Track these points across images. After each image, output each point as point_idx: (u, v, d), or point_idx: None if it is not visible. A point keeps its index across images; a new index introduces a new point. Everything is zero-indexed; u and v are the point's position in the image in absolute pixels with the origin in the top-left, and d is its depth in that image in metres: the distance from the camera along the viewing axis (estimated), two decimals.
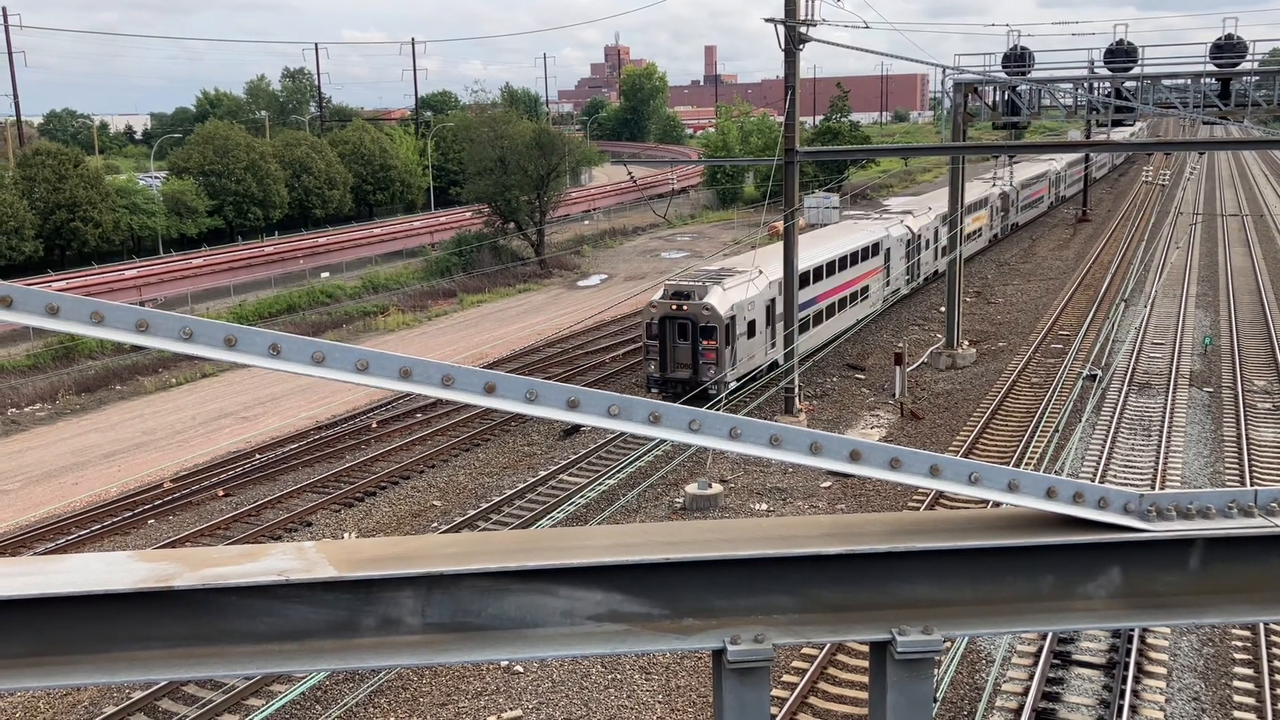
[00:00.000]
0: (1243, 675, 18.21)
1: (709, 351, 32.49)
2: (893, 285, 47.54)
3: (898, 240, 47.65)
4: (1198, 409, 32.84)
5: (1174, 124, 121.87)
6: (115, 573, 2.12)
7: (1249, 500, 2.40)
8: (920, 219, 51.31)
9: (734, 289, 33.83)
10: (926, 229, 51.34)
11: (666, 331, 33.12)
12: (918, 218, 51.25)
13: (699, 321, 32.52)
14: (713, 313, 32.55)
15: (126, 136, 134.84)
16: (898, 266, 48.03)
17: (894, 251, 47.44)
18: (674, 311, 32.92)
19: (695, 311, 32.59)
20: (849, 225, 48.14)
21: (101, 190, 62.79)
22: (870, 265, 44.44)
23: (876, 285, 45.28)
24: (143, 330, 2.10)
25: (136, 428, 36.00)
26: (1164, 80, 37.07)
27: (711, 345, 32.40)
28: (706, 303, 32.57)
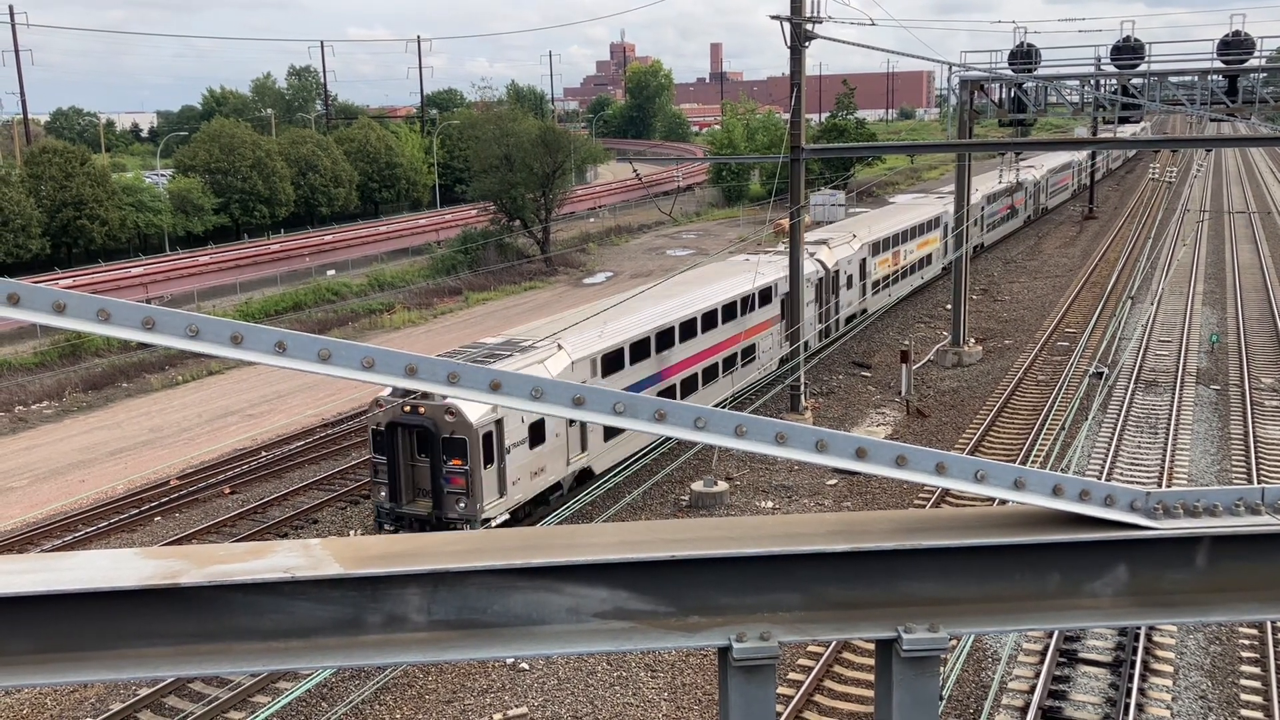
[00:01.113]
0: (1249, 674, 18.17)
1: (456, 476, 22.39)
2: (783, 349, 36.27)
3: (807, 281, 36.92)
4: (1204, 406, 32.76)
5: (1181, 121, 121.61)
6: (122, 570, 2.13)
7: (1256, 498, 2.39)
8: (838, 250, 41.08)
9: None
10: (847, 262, 40.97)
11: (398, 444, 22.86)
12: (834, 249, 40.89)
13: (441, 431, 22.22)
14: (459, 419, 22.05)
15: (133, 134, 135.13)
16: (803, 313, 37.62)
17: None
18: (407, 415, 22.61)
19: (436, 416, 22.20)
20: (726, 267, 36.70)
21: (108, 188, 62.92)
22: (756, 318, 34.10)
23: (768, 342, 35.05)
24: (149, 328, 2.11)
25: (143, 425, 36.07)
26: (1171, 77, 36.97)
27: (459, 467, 22.29)
28: (452, 404, 21.82)
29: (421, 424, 22.49)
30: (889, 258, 46.30)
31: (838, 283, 40.35)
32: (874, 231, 45.14)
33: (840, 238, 42.74)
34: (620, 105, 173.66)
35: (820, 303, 38.67)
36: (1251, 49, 35.60)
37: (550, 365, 24.50)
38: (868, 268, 43.65)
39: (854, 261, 41.92)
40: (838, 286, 40.39)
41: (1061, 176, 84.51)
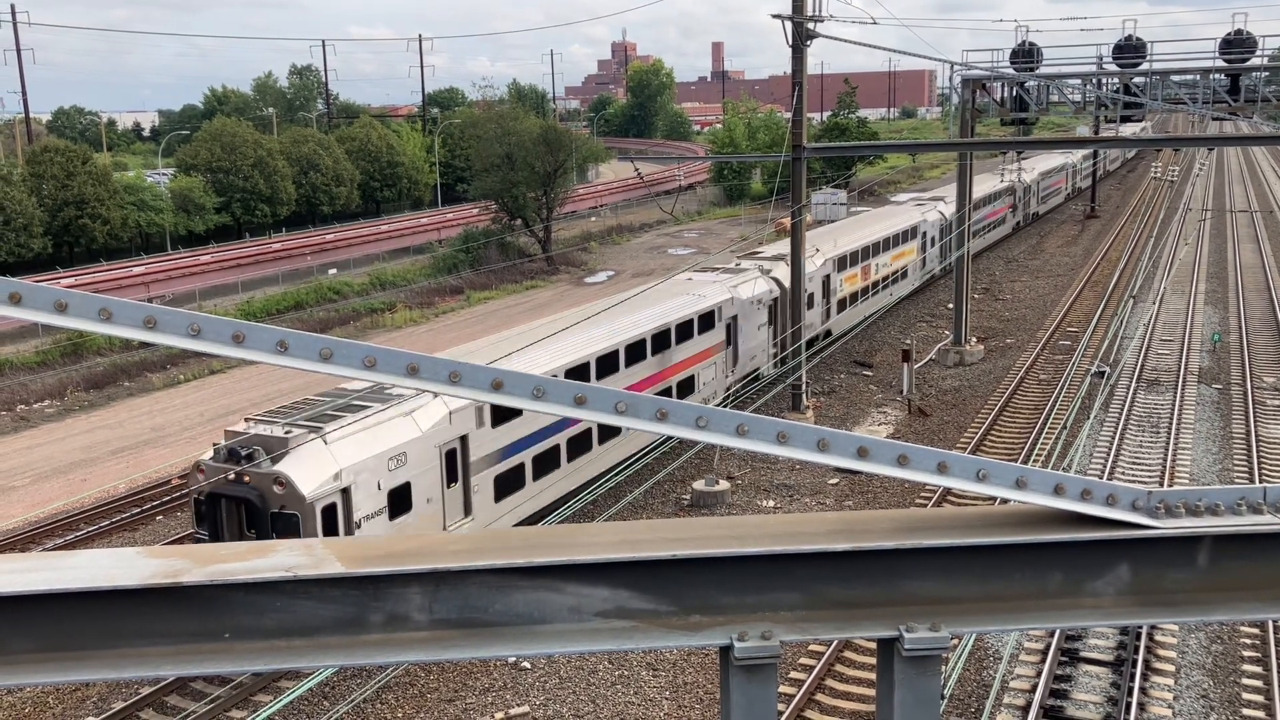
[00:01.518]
0: (1251, 673, 18.17)
1: None
2: (741, 369, 33.23)
3: (752, 303, 33.19)
4: (1206, 406, 32.75)
5: (1183, 120, 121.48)
6: (123, 569, 2.13)
7: (1258, 497, 2.39)
8: None
9: (348, 440, 19.55)
10: (807, 280, 35.83)
11: (222, 518, 19.19)
12: None
13: (270, 505, 18.53)
14: (290, 491, 18.36)
15: (134, 134, 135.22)
16: (752, 339, 33.86)
17: (743, 321, 33.13)
18: (230, 485, 18.89)
19: (263, 486, 18.55)
20: (670, 288, 31.39)
21: (109, 187, 62.95)
22: (694, 347, 30.13)
23: (710, 373, 31.28)
24: (151, 327, 2.11)
25: (145, 424, 36.09)
26: (1173, 76, 36.95)
27: None
28: (281, 473, 18.45)
29: (246, 496, 18.59)
30: (857, 273, 42.05)
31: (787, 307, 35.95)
32: (840, 244, 40.98)
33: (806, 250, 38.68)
34: (622, 104, 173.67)
35: (776, 325, 34.86)
36: (1254, 48, 35.57)
37: (421, 417, 20.55)
38: (832, 285, 39.68)
39: (815, 279, 37.80)
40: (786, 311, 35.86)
41: (1054, 179, 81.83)
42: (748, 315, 33.18)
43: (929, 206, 53.37)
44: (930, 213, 51.97)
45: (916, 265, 49.85)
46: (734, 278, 34.05)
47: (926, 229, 50.71)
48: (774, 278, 35.47)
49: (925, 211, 52.06)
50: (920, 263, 50.07)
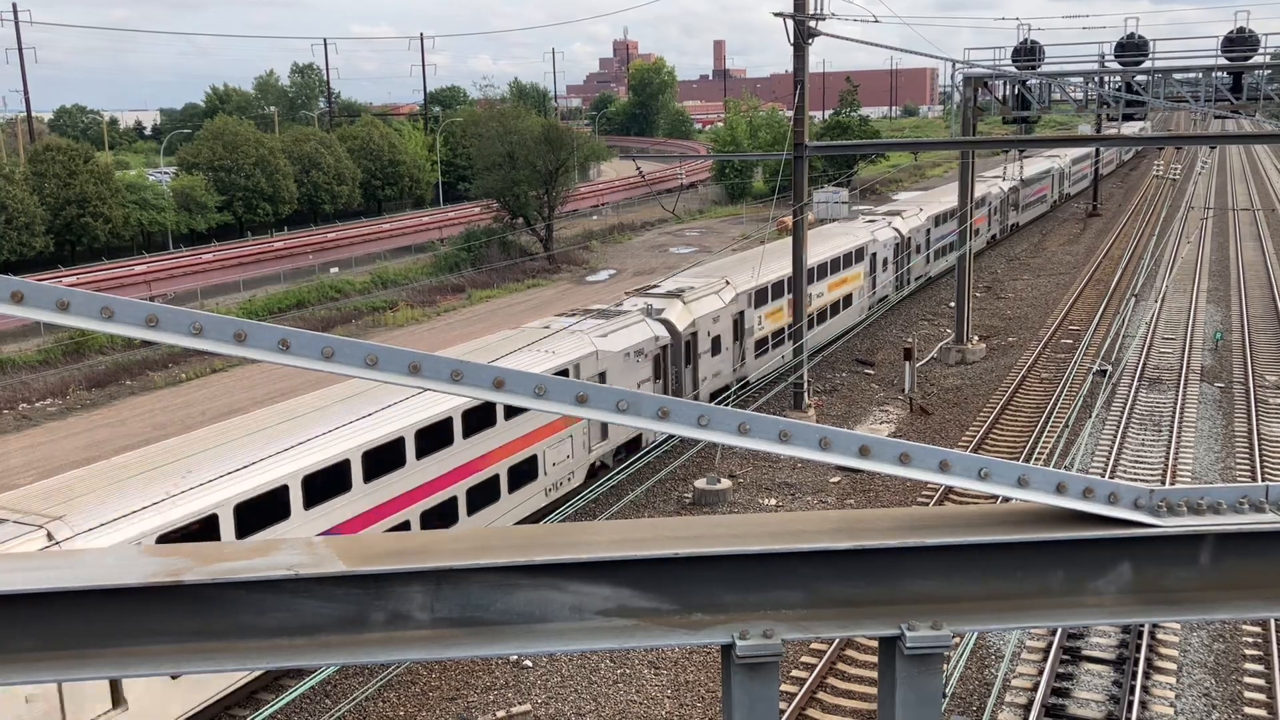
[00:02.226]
0: (1253, 671, 18.16)
1: None
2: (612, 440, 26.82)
3: (626, 355, 27.26)
4: (1209, 404, 32.73)
5: (1185, 118, 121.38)
6: (126, 567, 2.13)
7: (1260, 496, 2.39)
8: (699, 304, 31.32)
9: None
10: (711, 320, 31.39)
11: None
12: (692, 304, 31.03)
13: None
14: None
15: (136, 132, 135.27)
16: None
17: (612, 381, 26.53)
18: None
19: None
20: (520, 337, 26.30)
21: (111, 186, 62.99)
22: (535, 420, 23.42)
23: (559, 451, 24.66)
24: (153, 326, 2.11)
25: (147, 422, 36.12)
26: (1175, 74, 36.90)
27: None
28: None
29: None
30: (782, 307, 35.76)
31: (694, 350, 30.64)
32: (761, 274, 34.64)
33: (706, 287, 32.59)
34: (623, 102, 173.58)
35: (663, 379, 28.89)
36: (1256, 46, 35.53)
37: None
38: (747, 323, 33.88)
39: (723, 318, 32.23)
40: (694, 354, 30.68)
41: (1037, 187, 76.31)
42: (620, 371, 26.82)
43: (881, 223, 46.66)
44: (882, 230, 45.59)
45: (864, 291, 43.05)
46: (604, 324, 27.73)
47: (877, 249, 44.20)
48: (664, 320, 29.30)
49: (876, 229, 45.19)
50: (870, 284, 43.70)
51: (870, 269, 43.52)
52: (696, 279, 33.76)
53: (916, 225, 48.45)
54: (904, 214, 48.83)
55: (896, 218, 48.00)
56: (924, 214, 49.94)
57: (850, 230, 44.62)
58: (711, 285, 32.82)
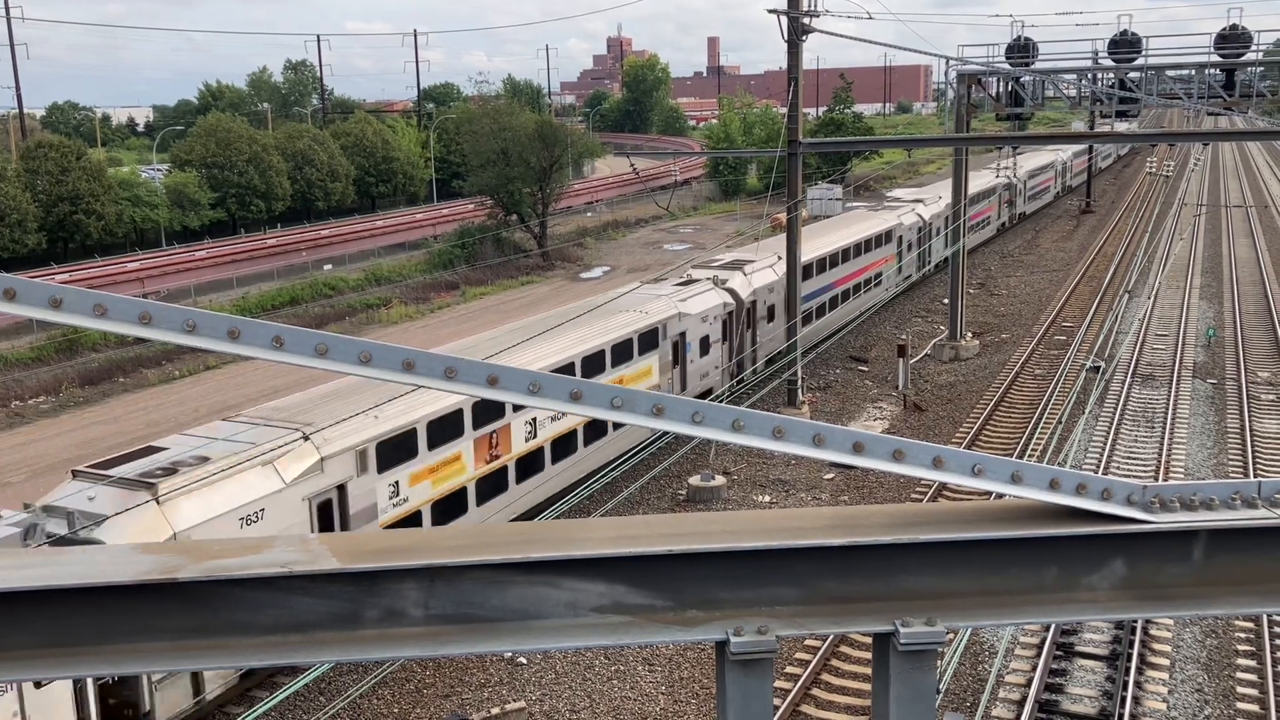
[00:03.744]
0: (1246, 666, 18.22)
1: None
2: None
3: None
4: (1201, 400, 32.81)
5: (1178, 115, 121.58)
6: (119, 565, 2.13)
7: (1252, 492, 2.40)
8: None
9: None
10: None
11: None
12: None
13: None
14: None
15: (129, 129, 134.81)
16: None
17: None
18: None
19: None
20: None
21: (104, 183, 62.83)
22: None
23: None
24: (146, 323, 2.11)
25: (140, 420, 36.05)
26: (1168, 71, 36.95)
27: None
28: None
29: None
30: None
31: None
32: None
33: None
34: (617, 99, 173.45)
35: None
36: (1249, 43, 35.59)
37: None
38: None
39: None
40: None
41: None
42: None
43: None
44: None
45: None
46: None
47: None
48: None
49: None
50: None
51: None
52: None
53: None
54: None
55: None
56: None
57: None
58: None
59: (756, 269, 34.45)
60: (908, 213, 48.79)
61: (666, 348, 28.95)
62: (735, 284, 32.99)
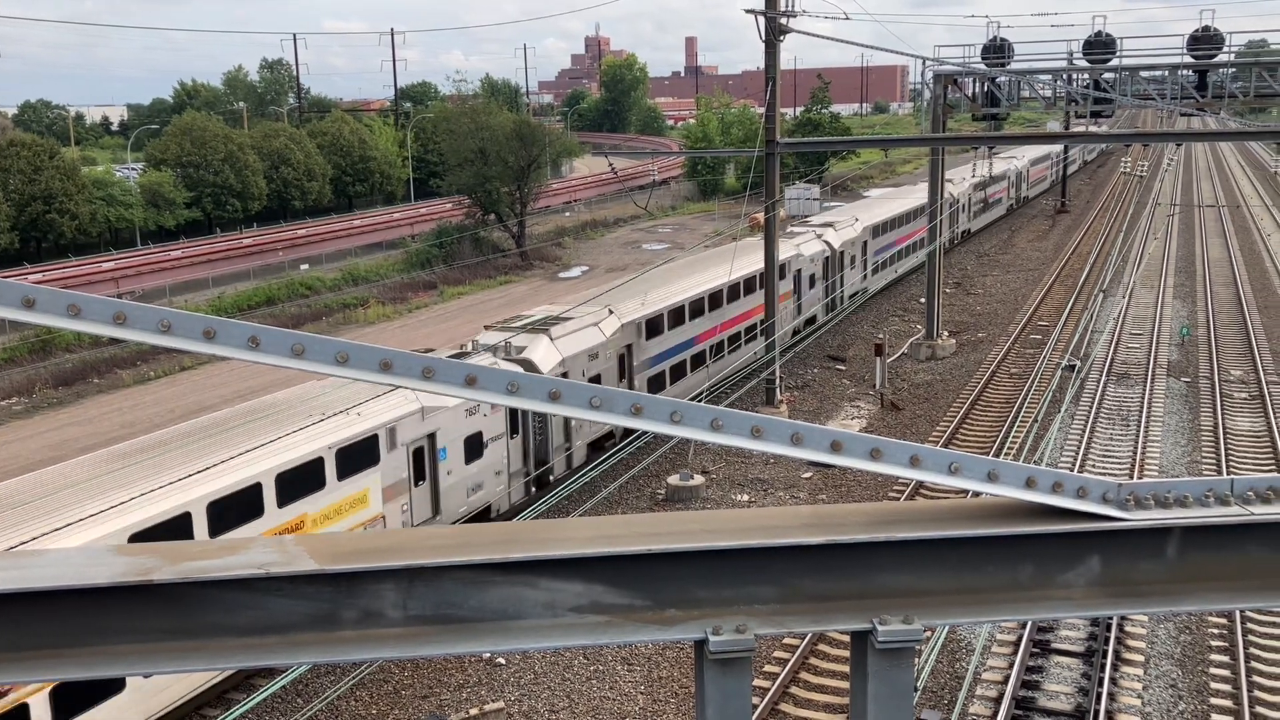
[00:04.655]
0: (1219, 662, 18.38)
1: None
2: None
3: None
4: (1175, 399, 33.09)
5: (1152, 115, 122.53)
6: (95, 567, 2.11)
7: (1226, 489, 2.42)
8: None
9: None
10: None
11: None
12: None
13: None
14: None
15: (103, 128, 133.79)
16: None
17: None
18: None
19: None
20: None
21: (78, 182, 62.29)
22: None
23: None
24: (120, 323, 2.09)
25: (115, 421, 35.76)
26: (1142, 72, 37.24)
27: None
28: None
29: None
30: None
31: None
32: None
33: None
34: (595, 99, 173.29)
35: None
36: (1221, 44, 35.90)
37: None
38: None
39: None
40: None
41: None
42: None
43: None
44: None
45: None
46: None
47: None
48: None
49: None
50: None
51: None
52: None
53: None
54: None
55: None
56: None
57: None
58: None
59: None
60: (810, 241, 40.78)
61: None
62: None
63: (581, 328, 26.88)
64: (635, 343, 28.95)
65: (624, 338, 28.35)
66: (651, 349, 29.91)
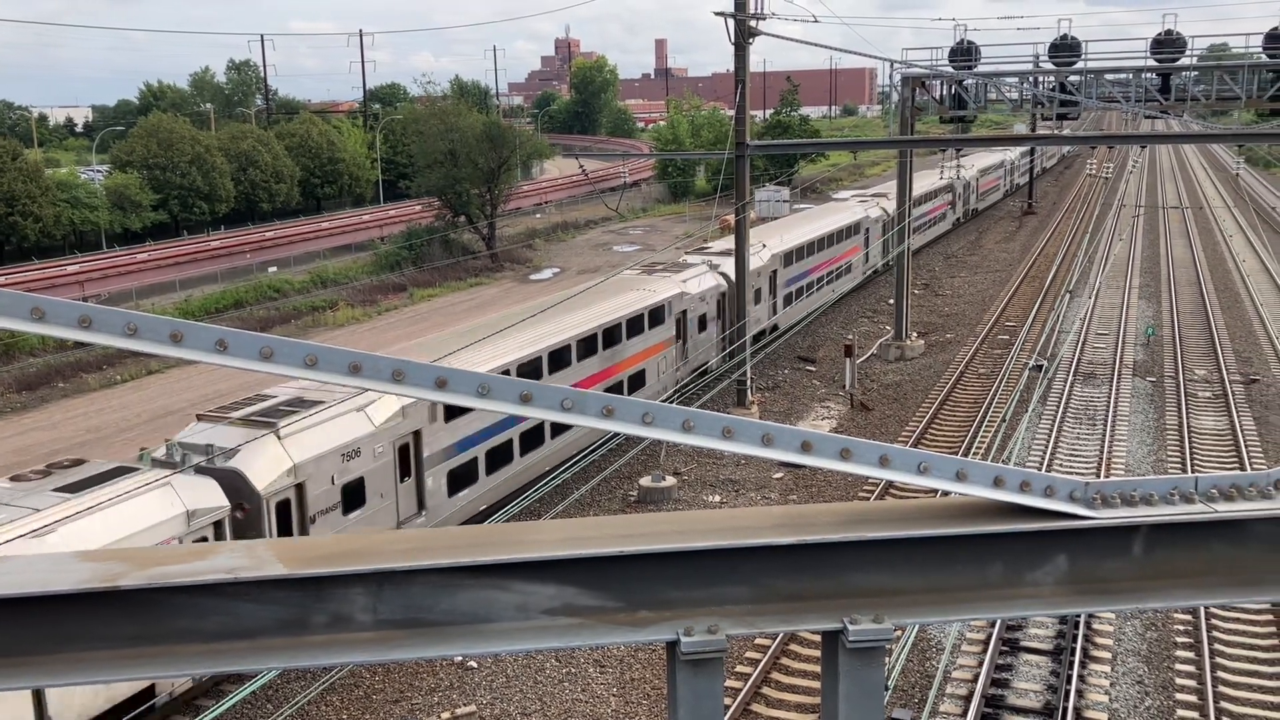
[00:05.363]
0: (1184, 658, 18.59)
1: None
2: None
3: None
4: (1141, 398, 33.44)
5: (1117, 118, 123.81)
6: (60, 573, 2.09)
7: (1190, 487, 2.45)
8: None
9: None
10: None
11: None
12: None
13: None
14: None
15: (67, 129, 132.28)
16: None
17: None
18: None
19: None
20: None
21: (41, 184, 61.56)
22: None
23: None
24: (86, 326, 2.07)
25: (80, 426, 35.36)
26: (1107, 75, 37.64)
27: None
28: None
29: None
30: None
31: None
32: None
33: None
34: (565, 101, 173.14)
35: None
36: (1183, 48, 36.34)
37: None
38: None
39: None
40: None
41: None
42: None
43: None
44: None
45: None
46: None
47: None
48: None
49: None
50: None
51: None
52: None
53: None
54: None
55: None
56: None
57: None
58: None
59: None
60: (701, 275, 34.38)
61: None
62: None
63: (337, 415, 20.20)
64: (426, 427, 21.93)
65: (409, 422, 21.43)
66: (450, 434, 22.75)
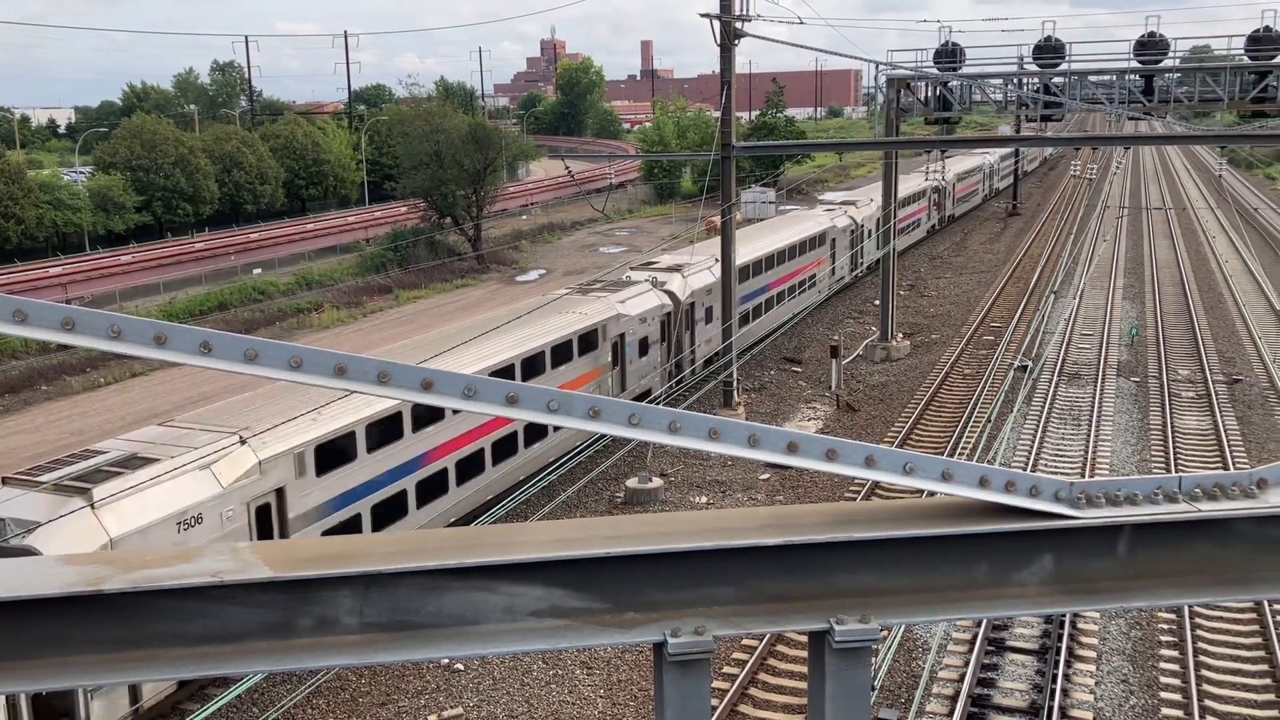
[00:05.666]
0: (1169, 657, 18.69)
1: None
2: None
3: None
4: (1125, 398, 33.60)
5: (1101, 119, 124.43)
6: (44, 577, 2.07)
7: (1174, 486, 2.46)
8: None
9: None
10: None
11: None
12: None
13: None
14: None
15: (50, 130, 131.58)
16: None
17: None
18: None
19: None
20: None
21: (24, 185, 61.21)
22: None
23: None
24: (69, 329, 2.06)
25: (64, 429, 35.16)
26: (1090, 76, 37.82)
27: None
28: None
29: None
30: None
31: None
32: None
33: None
34: (551, 102, 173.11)
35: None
36: (1166, 50, 36.53)
37: None
38: None
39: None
40: None
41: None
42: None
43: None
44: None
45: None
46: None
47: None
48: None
49: None
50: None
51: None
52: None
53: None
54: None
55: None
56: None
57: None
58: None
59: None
60: (642, 295, 32.06)
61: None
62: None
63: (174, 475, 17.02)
64: (291, 483, 18.91)
65: (268, 479, 18.39)
66: (323, 490, 19.86)
